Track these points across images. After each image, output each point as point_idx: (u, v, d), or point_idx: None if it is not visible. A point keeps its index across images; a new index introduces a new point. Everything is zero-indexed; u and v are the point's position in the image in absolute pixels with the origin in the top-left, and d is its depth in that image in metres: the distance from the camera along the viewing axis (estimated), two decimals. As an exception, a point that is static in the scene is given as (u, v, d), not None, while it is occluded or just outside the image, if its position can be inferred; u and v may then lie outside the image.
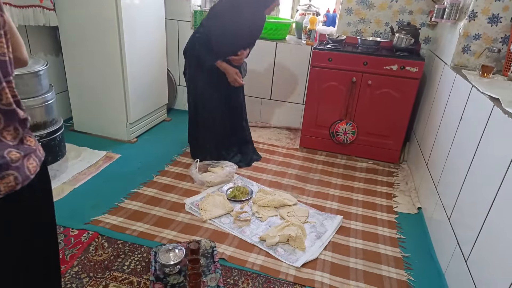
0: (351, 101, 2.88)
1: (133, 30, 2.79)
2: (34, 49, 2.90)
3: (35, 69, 2.19)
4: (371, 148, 3.02)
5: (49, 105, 2.32)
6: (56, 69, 3.10)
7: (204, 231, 2.10)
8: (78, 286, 1.68)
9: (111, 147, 2.95)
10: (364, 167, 2.95)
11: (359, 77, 2.80)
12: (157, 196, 2.38)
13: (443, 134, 2.26)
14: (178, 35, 3.52)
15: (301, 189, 2.58)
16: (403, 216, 2.38)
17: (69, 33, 2.80)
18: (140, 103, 3.06)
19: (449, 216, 1.91)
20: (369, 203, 2.49)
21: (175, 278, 1.76)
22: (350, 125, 2.94)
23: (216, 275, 1.77)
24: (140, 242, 1.98)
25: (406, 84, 2.74)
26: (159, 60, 3.25)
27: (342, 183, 2.70)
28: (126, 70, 2.79)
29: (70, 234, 1.99)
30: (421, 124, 2.88)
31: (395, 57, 2.73)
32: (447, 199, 1.99)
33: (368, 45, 2.83)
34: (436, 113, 2.47)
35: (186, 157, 2.90)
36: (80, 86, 2.97)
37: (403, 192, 2.63)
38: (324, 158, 3.05)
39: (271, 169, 2.82)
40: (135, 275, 1.77)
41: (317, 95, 2.94)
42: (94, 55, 2.80)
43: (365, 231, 2.21)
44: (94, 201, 2.29)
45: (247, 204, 2.35)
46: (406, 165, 2.99)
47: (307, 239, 2.08)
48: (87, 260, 1.84)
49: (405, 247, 2.10)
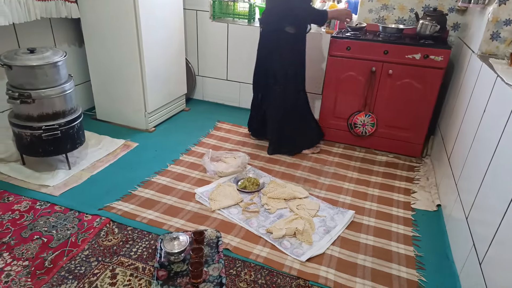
0: (370, 92, 2.77)
1: (151, 20, 2.81)
2: (58, 41, 3.00)
3: (54, 60, 2.26)
4: (391, 141, 2.89)
5: (67, 95, 2.39)
6: (80, 60, 3.20)
7: (212, 221, 2.11)
8: (87, 269, 1.74)
9: (130, 136, 3.01)
10: (383, 161, 2.84)
11: (379, 66, 2.68)
12: (169, 185, 2.41)
13: (466, 127, 2.12)
14: (197, 24, 3.52)
15: (314, 182, 2.52)
16: (421, 213, 2.27)
17: (90, 25, 2.87)
18: (158, 93, 3.10)
19: (467, 215, 1.79)
20: (385, 199, 2.39)
21: (178, 266, 1.78)
22: (369, 116, 2.83)
23: (219, 265, 1.77)
24: (148, 229, 2.02)
25: (430, 74, 2.58)
26: (178, 50, 3.26)
27: (358, 177, 2.62)
28: (144, 60, 2.83)
29: (84, 219, 2.06)
30: (446, 117, 2.72)
31: (418, 45, 2.57)
32: (466, 196, 1.87)
33: (390, 32, 2.70)
34: (461, 105, 2.32)
35: (201, 147, 2.92)
36: (101, 76, 3.04)
37: (423, 188, 2.51)
38: (341, 150, 2.97)
39: (285, 161, 2.77)
40: (141, 261, 1.80)
41: (335, 86, 2.85)
42: (114, 46, 2.86)
43: (377, 227, 2.13)
44: (109, 188, 2.35)
45: (257, 195, 2.33)
46: (429, 160, 2.85)
47: (315, 233, 2.03)
48: (98, 244, 1.89)
49: (420, 246, 2.00)
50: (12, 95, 2.21)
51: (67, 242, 1.89)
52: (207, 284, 1.67)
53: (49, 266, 1.74)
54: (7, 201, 2.17)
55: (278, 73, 2.65)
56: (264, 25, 2.65)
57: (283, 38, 2.57)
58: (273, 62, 2.65)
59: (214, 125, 3.31)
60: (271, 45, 2.63)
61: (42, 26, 2.83)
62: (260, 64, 2.77)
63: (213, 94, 3.79)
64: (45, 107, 2.29)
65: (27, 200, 2.19)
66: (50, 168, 2.49)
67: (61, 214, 2.10)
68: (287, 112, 2.74)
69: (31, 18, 2.53)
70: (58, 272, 1.71)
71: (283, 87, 2.67)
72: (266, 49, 2.68)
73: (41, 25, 2.81)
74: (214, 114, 3.53)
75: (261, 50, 2.73)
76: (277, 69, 2.64)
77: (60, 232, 1.96)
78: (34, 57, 2.21)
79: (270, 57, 2.65)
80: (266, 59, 2.69)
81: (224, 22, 3.44)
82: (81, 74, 3.25)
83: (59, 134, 2.34)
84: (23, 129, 2.28)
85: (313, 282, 1.73)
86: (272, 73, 2.68)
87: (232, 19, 3.50)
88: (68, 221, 2.04)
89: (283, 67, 2.63)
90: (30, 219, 2.04)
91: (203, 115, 3.52)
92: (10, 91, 2.22)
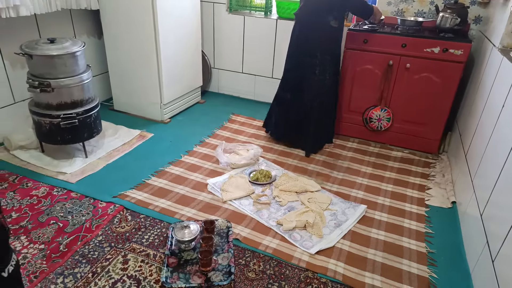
0: (387, 86, 2.72)
1: (168, 12, 2.84)
2: (78, 32, 3.06)
3: (72, 50, 2.31)
4: (407, 136, 2.84)
5: (85, 85, 2.44)
6: (99, 51, 3.26)
7: (223, 211, 2.13)
8: (100, 254, 1.79)
9: (145, 126, 3.06)
10: (399, 157, 2.79)
11: (397, 60, 2.63)
12: (182, 175, 2.44)
13: (484, 123, 2.06)
14: (213, 17, 3.53)
15: (326, 176, 2.51)
16: (435, 210, 2.23)
17: (109, 16, 2.92)
18: (174, 85, 3.13)
19: (482, 212, 1.75)
20: (398, 194, 2.36)
21: (189, 254, 1.80)
22: (385, 111, 2.79)
23: (228, 255, 1.79)
24: (160, 217, 2.05)
25: (449, 68, 2.52)
26: (194, 43, 3.28)
27: (372, 172, 2.58)
28: (160, 52, 2.86)
29: (98, 206, 2.11)
30: (464, 112, 2.65)
31: (437, 38, 2.51)
32: (482, 193, 1.82)
33: (408, 25, 2.64)
34: (480, 101, 2.26)
35: (215, 138, 2.94)
36: (119, 67, 3.10)
37: (438, 185, 2.46)
38: (356, 145, 2.93)
39: (298, 154, 2.76)
40: (152, 248, 1.84)
41: (351, 79, 2.81)
42: (131, 38, 2.90)
43: (389, 222, 2.10)
44: (124, 176, 2.40)
45: (268, 187, 2.34)
46: (446, 156, 2.78)
47: (325, 226, 2.02)
48: (111, 231, 1.94)
49: (432, 242, 1.97)
50: (33, 84, 2.27)
51: (82, 228, 1.94)
52: (216, 273, 1.70)
53: (63, 250, 1.79)
54: (26, 187, 2.24)
55: (319, 67, 2.56)
56: (304, 18, 2.55)
57: (327, 32, 2.51)
58: (314, 57, 2.55)
59: (228, 117, 3.33)
60: (313, 39, 2.53)
61: (62, 17, 2.89)
62: (295, 60, 2.65)
63: (228, 87, 3.80)
64: (64, 96, 2.35)
65: (45, 186, 2.26)
66: (67, 156, 2.56)
67: (77, 200, 2.15)
68: (325, 105, 2.69)
69: (52, 9, 2.59)
70: (72, 256, 1.76)
71: (323, 81, 2.59)
72: (307, 43, 2.56)
73: (61, 16, 2.88)
74: (229, 107, 3.54)
75: (300, 45, 2.60)
76: (319, 63, 2.55)
77: (76, 218, 2.01)
78: (54, 47, 2.27)
79: (311, 51, 2.55)
80: (305, 53, 2.58)
81: (240, 14, 3.44)
82: (100, 65, 3.31)
83: (76, 123, 2.40)
84: (42, 117, 2.35)
85: (322, 274, 1.72)
86: (311, 67, 2.58)
87: (248, 12, 3.49)
88: (83, 207, 2.10)
89: (325, 61, 2.56)
90: (47, 205, 2.10)
91: (218, 107, 3.54)
92: (30, 80, 2.28)
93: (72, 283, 1.62)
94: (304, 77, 2.63)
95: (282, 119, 2.81)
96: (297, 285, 1.67)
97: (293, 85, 2.70)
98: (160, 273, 1.69)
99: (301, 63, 2.62)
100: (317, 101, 2.64)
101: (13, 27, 2.53)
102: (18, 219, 1.98)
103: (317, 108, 2.65)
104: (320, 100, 2.64)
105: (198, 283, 1.64)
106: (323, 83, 2.61)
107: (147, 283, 1.64)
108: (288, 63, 2.72)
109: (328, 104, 2.70)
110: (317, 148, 2.80)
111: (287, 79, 2.74)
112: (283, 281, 1.68)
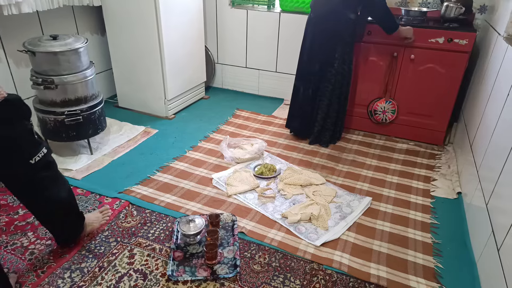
0: (391, 78, 2.70)
1: (170, 8, 2.83)
2: (81, 29, 3.07)
3: (75, 46, 2.32)
4: (412, 128, 2.82)
5: (89, 81, 2.45)
6: (102, 48, 3.27)
7: (228, 205, 2.13)
8: (106, 248, 1.80)
9: (150, 122, 3.07)
10: (404, 149, 2.78)
11: (401, 51, 2.60)
12: (187, 170, 2.45)
13: (489, 113, 2.04)
14: (216, 12, 3.52)
15: (331, 169, 2.50)
16: (440, 201, 2.22)
17: (111, 13, 2.93)
18: (178, 81, 3.14)
19: (487, 202, 1.74)
20: (403, 186, 2.35)
21: (194, 248, 1.81)
22: (390, 103, 2.77)
23: (233, 248, 1.80)
24: (166, 212, 2.06)
25: (454, 58, 2.49)
26: (197, 38, 3.28)
27: (377, 164, 2.57)
28: (163, 48, 2.86)
29: (104, 202, 2.13)
30: (469, 103, 2.62)
31: (441, 28, 2.48)
32: (487, 183, 1.81)
33: (413, 16, 2.62)
34: (485, 90, 2.23)
35: (220, 133, 2.94)
36: (122, 64, 3.11)
37: (444, 176, 2.44)
38: (360, 138, 2.92)
39: (303, 148, 2.76)
40: (158, 243, 1.85)
41: (355, 72, 2.78)
42: (134, 34, 2.90)
43: (395, 214, 2.10)
44: (129, 172, 2.42)
45: (273, 181, 2.34)
46: (452, 148, 2.76)
47: (330, 219, 2.02)
48: (117, 226, 1.95)
49: (438, 233, 1.96)
50: (36, 81, 2.29)
51: (88, 223, 1.96)
52: (221, 266, 1.70)
53: (70, 246, 1.81)
54: (33, 183, 2.26)
55: (337, 60, 2.54)
56: (320, 11, 2.52)
57: (343, 24, 2.47)
58: (331, 50, 2.53)
59: (233, 112, 3.33)
60: (330, 32, 2.50)
61: (65, 14, 2.90)
62: (312, 54, 2.60)
63: (232, 82, 3.80)
64: (68, 92, 2.36)
65: (51, 182, 2.28)
66: (73, 153, 2.58)
67: (83, 196, 2.17)
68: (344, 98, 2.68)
69: (54, 5, 2.60)
70: (79, 251, 1.78)
71: (341, 74, 2.58)
72: (322, 37, 2.53)
73: (64, 13, 2.88)
74: (233, 102, 3.54)
75: (315, 38, 2.57)
76: (336, 57, 2.53)
77: (82, 213, 2.03)
78: (57, 43, 2.28)
79: (328, 44, 2.53)
80: (321, 47, 2.55)
81: (243, 8, 3.43)
82: (104, 62, 3.32)
83: (81, 120, 2.41)
84: (47, 114, 2.37)
85: (327, 266, 1.73)
86: (329, 61, 2.55)
87: (251, 6, 3.48)
88: (90, 203, 2.12)
89: (343, 54, 2.53)
90: (54, 201, 2.12)
91: (222, 102, 3.54)
92: (34, 77, 2.30)
93: (79, 278, 1.64)
94: (320, 68, 2.60)
95: (305, 114, 2.78)
96: (302, 276, 1.67)
97: (309, 77, 2.67)
98: (166, 267, 1.70)
99: (317, 55, 2.59)
100: (333, 93, 2.63)
101: (15, 24, 2.54)
102: (25, 216, 2.00)
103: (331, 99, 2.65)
104: (337, 92, 2.63)
105: (204, 276, 1.65)
106: (340, 75, 2.59)
107: (153, 277, 1.65)
108: (303, 58, 2.68)
109: (341, 96, 2.67)
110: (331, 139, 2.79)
111: (305, 74, 2.70)
112: (289, 273, 1.69)
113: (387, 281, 1.65)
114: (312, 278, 1.66)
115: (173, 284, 1.61)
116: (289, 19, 3.27)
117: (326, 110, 2.69)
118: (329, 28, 2.50)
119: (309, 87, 2.69)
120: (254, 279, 1.65)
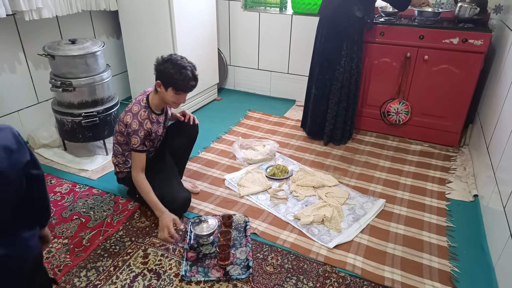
0: (405, 79, 2.68)
1: (184, 12, 2.87)
2: (98, 33, 3.13)
3: (93, 50, 2.37)
4: (426, 130, 2.79)
5: (105, 83, 2.49)
6: (118, 51, 3.32)
7: (240, 206, 2.14)
8: (121, 248, 1.83)
9: (163, 124, 3.10)
10: (418, 150, 2.74)
11: (414, 52, 2.58)
12: (200, 171, 2.47)
13: (506, 114, 2.01)
14: (229, 15, 3.54)
15: (344, 171, 2.49)
16: (456, 204, 2.19)
17: (127, 17, 2.98)
18: (191, 82, 3.16)
19: (505, 205, 1.71)
20: (418, 188, 2.32)
21: (207, 248, 1.83)
22: (403, 104, 2.74)
23: (246, 249, 1.81)
24: (179, 213, 2.08)
25: (469, 59, 2.46)
26: (210, 41, 3.31)
27: (391, 165, 2.55)
28: (177, 51, 2.89)
29: (119, 202, 2.16)
30: (485, 104, 2.58)
31: (456, 29, 2.45)
32: (505, 186, 1.78)
33: (426, 16, 2.59)
34: (501, 91, 2.19)
35: (232, 135, 2.96)
36: (137, 66, 3.15)
37: (459, 178, 2.40)
38: (373, 139, 2.90)
39: (315, 149, 2.75)
40: (172, 243, 1.87)
41: (368, 72, 2.78)
42: (149, 37, 2.95)
43: (409, 216, 2.07)
44: (143, 173, 2.45)
45: (285, 182, 2.34)
46: (467, 149, 2.72)
47: (343, 221, 2.01)
48: (131, 226, 1.98)
49: (454, 236, 1.93)
50: (55, 83, 2.34)
51: (103, 223, 2.00)
52: (234, 266, 1.71)
53: (86, 245, 1.85)
54: (50, 184, 2.31)
55: (344, 58, 2.54)
56: (328, 10, 2.54)
57: (350, 23, 2.47)
58: (338, 48, 2.53)
59: (245, 114, 3.34)
60: (337, 31, 2.51)
61: (83, 18, 2.96)
62: (322, 54, 2.61)
63: (244, 84, 3.81)
64: (85, 94, 2.41)
65: (68, 183, 2.33)
66: (89, 154, 2.63)
67: (98, 196, 2.21)
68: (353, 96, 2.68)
69: (73, 10, 2.66)
70: (94, 250, 1.81)
71: (349, 72, 2.58)
72: (330, 36, 2.54)
73: (82, 18, 2.95)
74: (245, 103, 3.56)
75: (324, 38, 2.57)
76: (343, 54, 2.53)
77: (97, 213, 2.07)
78: (75, 47, 2.33)
79: (335, 42, 2.53)
80: (329, 46, 2.56)
81: (255, 11, 3.44)
82: (119, 65, 3.37)
83: (97, 121, 2.46)
84: (64, 116, 2.42)
85: (340, 268, 1.72)
86: (336, 59, 2.56)
87: (263, 8, 3.49)
88: (105, 203, 2.15)
89: (351, 52, 2.54)
90: (70, 201, 2.17)
91: (235, 104, 3.56)
92: (53, 80, 2.36)
93: (95, 276, 1.67)
94: (329, 68, 2.61)
95: (309, 110, 2.82)
96: (315, 279, 1.67)
97: (320, 77, 2.67)
98: (179, 267, 1.72)
99: (326, 55, 2.59)
100: (341, 91, 2.63)
101: (36, 29, 2.61)
102: (43, 215, 2.04)
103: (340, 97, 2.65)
104: (345, 90, 2.63)
105: (216, 276, 1.66)
106: (348, 73, 2.59)
107: (167, 277, 1.67)
108: (316, 58, 2.69)
109: (349, 94, 2.67)
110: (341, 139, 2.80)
111: (314, 71, 2.72)
112: (301, 275, 1.68)
113: (402, 284, 1.64)
114: (325, 281, 1.66)
115: (186, 284, 1.63)
116: (301, 21, 3.27)
117: (336, 109, 2.69)
118: (336, 27, 2.51)
119: (320, 88, 2.69)
120: (267, 280, 1.66)
